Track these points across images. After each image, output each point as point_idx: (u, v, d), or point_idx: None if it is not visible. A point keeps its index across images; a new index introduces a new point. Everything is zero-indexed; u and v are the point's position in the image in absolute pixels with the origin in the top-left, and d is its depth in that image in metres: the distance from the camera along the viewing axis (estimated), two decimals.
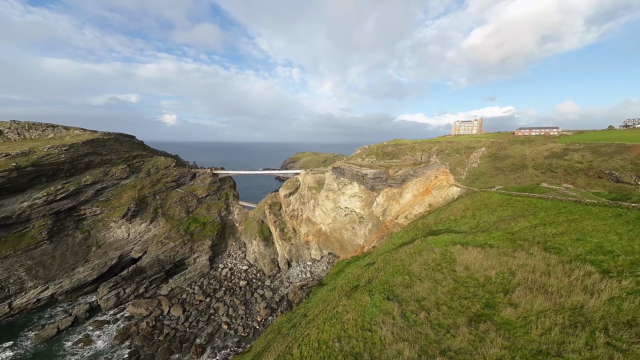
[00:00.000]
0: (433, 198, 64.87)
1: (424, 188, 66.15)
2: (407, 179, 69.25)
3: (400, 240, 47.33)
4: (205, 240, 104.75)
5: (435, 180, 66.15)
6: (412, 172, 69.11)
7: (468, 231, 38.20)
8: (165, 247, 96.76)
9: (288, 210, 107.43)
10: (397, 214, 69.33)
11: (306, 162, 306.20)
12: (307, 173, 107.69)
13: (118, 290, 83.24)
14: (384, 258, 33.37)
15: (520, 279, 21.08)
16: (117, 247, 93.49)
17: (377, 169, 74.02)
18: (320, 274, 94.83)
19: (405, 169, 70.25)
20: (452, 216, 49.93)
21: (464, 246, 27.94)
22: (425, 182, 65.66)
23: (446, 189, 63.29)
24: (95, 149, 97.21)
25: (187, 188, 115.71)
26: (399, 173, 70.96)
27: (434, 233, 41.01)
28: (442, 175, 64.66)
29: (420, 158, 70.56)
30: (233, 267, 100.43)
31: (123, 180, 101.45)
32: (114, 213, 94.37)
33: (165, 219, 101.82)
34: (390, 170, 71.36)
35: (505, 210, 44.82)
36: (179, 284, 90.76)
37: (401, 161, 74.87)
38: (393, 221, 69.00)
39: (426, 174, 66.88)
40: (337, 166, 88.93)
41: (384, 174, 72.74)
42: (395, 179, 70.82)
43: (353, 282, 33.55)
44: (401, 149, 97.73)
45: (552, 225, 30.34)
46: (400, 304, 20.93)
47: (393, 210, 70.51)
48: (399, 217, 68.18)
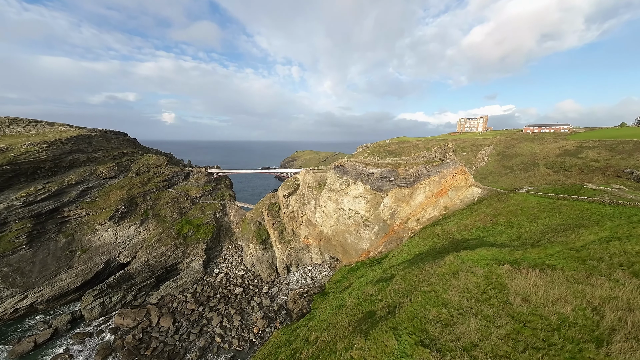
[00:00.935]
0: (449, 200, 58.75)
1: (439, 189, 60.01)
2: (419, 179, 63.08)
3: (417, 249, 41.23)
4: (199, 243, 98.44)
5: (451, 180, 59.94)
6: (425, 170, 62.91)
7: (509, 244, 32.12)
8: (155, 252, 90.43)
9: (287, 211, 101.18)
10: (407, 217, 63.28)
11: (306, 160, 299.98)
12: (307, 172, 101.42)
13: (103, 298, 77.05)
14: (405, 276, 27.33)
15: (613, 320, 15.12)
16: (104, 251, 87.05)
17: (384, 168, 67.81)
18: (321, 279, 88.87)
19: (417, 167, 64.07)
20: (480, 222, 43.69)
21: (514, 266, 21.85)
22: (440, 182, 59.46)
23: (464, 190, 57.19)
24: (80, 146, 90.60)
25: (180, 188, 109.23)
26: (409, 172, 64.74)
27: (461, 244, 34.93)
28: (460, 174, 58.45)
29: (434, 155, 64.25)
30: (229, 273, 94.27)
31: (111, 179, 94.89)
32: (100, 215, 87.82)
33: (156, 221, 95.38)
34: (399, 169, 65.18)
35: (551, 217, 38.63)
36: (170, 291, 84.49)
37: (412, 159, 68.67)
38: (403, 225, 62.98)
39: (441, 173, 60.68)
40: (340, 165, 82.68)
41: (392, 173, 66.52)
42: (405, 179, 64.62)
43: (366, 304, 27.52)
44: (404, 147, 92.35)
45: (632, 239, 23.74)
46: (442, 355, 14.91)
47: (403, 213, 64.43)
48: (409, 221, 62.16)
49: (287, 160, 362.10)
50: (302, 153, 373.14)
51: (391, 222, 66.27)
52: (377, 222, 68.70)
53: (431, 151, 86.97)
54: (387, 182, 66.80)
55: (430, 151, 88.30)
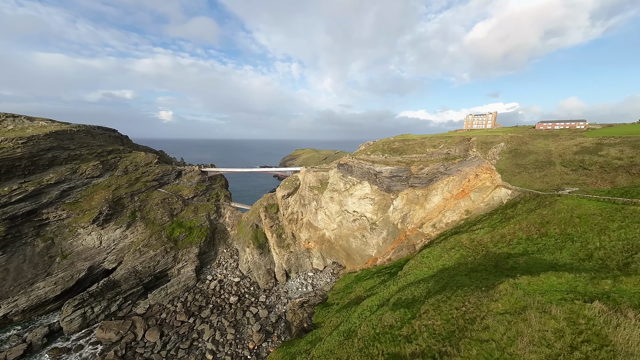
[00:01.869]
0: (471, 203, 52.24)
1: (459, 190, 53.48)
2: (435, 178, 56.58)
3: (440, 262, 34.68)
4: (192, 247, 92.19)
5: (474, 179, 53.35)
6: (443, 169, 56.36)
7: (580, 266, 25.53)
8: (144, 257, 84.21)
9: (286, 213, 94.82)
10: (421, 222, 56.98)
11: (306, 159, 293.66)
12: (308, 171, 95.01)
13: (85, 309, 71.05)
14: (438, 307, 21.02)
15: None
16: (87, 257, 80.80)
17: (394, 166, 61.36)
18: (323, 287, 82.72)
19: (433, 165, 57.50)
20: (522, 232, 36.82)
21: (610, 305, 15.59)
22: (460, 181, 52.99)
23: (490, 191, 50.62)
24: (60, 142, 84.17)
25: (171, 188, 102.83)
26: (425, 171, 58.17)
27: (503, 261, 28.48)
28: (485, 172, 51.89)
29: (454, 151, 57.57)
30: (223, 279, 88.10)
31: (95, 179, 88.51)
32: (83, 217, 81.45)
33: (145, 223, 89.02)
34: (413, 167, 58.65)
35: (628, 228, 31.63)
36: (158, 300, 78.34)
37: (427, 155, 62.11)
38: (416, 230, 56.68)
39: (462, 172, 54.08)
40: (344, 162, 76.26)
41: (404, 172, 59.99)
42: (419, 178, 58.08)
43: (386, 340, 21.37)
44: (409, 144, 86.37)
45: None
46: None
47: (416, 216, 58.11)
48: (424, 226, 55.86)
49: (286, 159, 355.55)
50: (302, 151, 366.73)
51: (402, 227, 59.92)
52: (385, 226, 62.42)
53: (438, 148, 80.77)
54: (398, 182, 60.30)
55: (437, 149, 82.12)
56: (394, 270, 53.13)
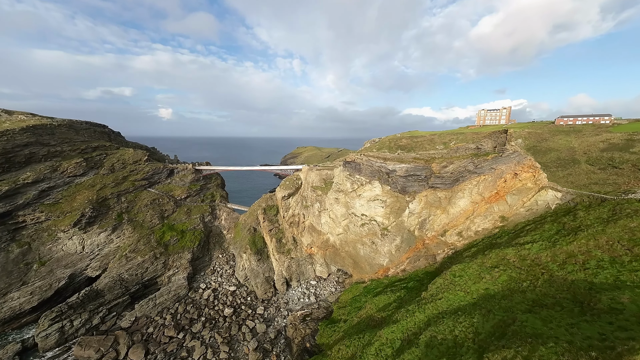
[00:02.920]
0: (508, 207, 45.05)
1: (492, 192, 46.32)
2: (462, 178, 49.51)
3: (480, 286, 26.95)
4: (184, 253, 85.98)
5: (512, 179, 46.10)
6: (473, 167, 49.18)
7: None
8: (130, 263, 78.11)
9: (287, 215, 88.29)
10: (443, 229, 50.06)
11: (308, 157, 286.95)
12: (310, 169, 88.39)
13: (63, 322, 65.26)
14: None
15: None
16: (68, 263, 74.76)
17: (411, 164, 54.37)
18: (327, 297, 76.31)
19: (459, 162, 50.30)
20: (600, 251, 28.23)
21: None
22: (494, 182, 45.88)
23: (533, 194, 43.42)
24: (39, 138, 78.06)
25: (163, 188, 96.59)
26: (449, 169, 51.03)
27: (584, 294, 21.23)
28: (527, 171, 44.70)
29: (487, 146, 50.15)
30: (217, 288, 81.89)
31: (78, 177, 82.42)
32: (63, 220, 75.39)
33: (133, 226, 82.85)
34: (433, 165, 51.59)
35: None
36: (146, 311, 72.26)
37: (451, 151, 54.95)
38: (437, 238, 49.83)
39: (497, 170, 46.82)
40: (351, 160, 69.48)
41: (422, 170, 52.95)
42: (442, 178, 50.99)
43: None
44: (418, 141, 79.78)
45: None
46: None
47: (437, 222, 51.18)
48: (447, 234, 48.97)
49: (287, 157, 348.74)
50: (304, 149, 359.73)
51: (420, 234, 53.05)
52: (399, 233, 55.67)
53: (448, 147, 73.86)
54: (415, 182, 53.33)
55: (447, 146, 75.23)
56: (411, 284, 46.38)
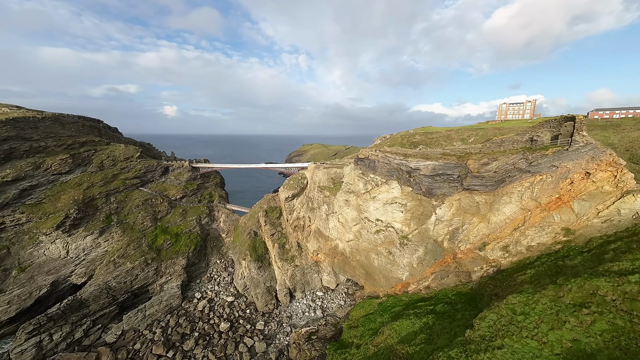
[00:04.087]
0: (574, 217, 36.03)
1: (552, 196, 37.48)
2: (509, 178, 40.90)
3: (564, 334, 17.83)
4: (178, 258, 79.97)
5: (582, 181, 36.99)
6: (525, 164, 40.30)
7: None
8: (119, 270, 72.43)
9: (291, 218, 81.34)
10: (482, 241, 41.92)
11: (314, 155, 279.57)
12: (317, 167, 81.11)
13: (41, 336, 59.89)
14: None
15: None
16: (50, 270, 69.48)
17: (439, 160, 46.20)
18: (335, 312, 69.35)
19: (506, 158, 41.46)
20: None
21: None
22: (556, 183, 37.05)
23: (613, 200, 34.21)
24: (20, 131, 72.87)
25: (156, 187, 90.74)
26: (491, 166, 42.47)
27: None
28: (604, 170, 35.16)
29: (543, 137, 40.55)
30: (214, 298, 75.60)
31: (63, 175, 77.06)
32: (46, 222, 69.85)
33: (122, 229, 77.16)
34: (470, 162, 43.23)
35: None
36: (134, 324, 66.47)
37: (493, 144, 46.44)
38: (473, 252, 41.84)
39: (560, 169, 37.73)
40: (365, 157, 61.82)
41: (455, 169, 44.67)
42: (482, 178, 42.50)
43: None
44: (433, 138, 71.67)
45: None
46: None
47: (474, 232, 43.03)
48: (487, 247, 40.79)
49: (292, 155, 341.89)
50: (310, 147, 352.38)
51: (450, 246, 45.03)
52: (422, 242, 47.88)
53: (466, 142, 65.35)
54: (445, 183, 45.17)
55: (465, 142, 66.70)
56: (439, 307, 38.73)
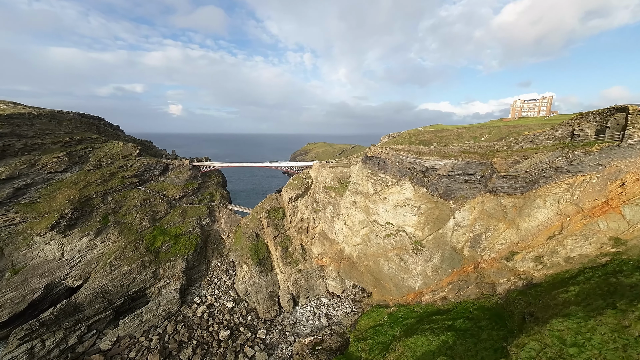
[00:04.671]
0: (626, 225, 31.13)
1: (597, 200, 32.65)
2: (543, 179, 36.18)
3: None
4: (177, 261, 77.24)
5: (637, 182, 32.49)
6: (564, 162, 35.34)
7: None
8: (115, 273, 69.99)
9: (294, 220, 77.89)
10: (509, 249, 37.56)
11: (319, 154, 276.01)
12: (322, 166, 77.46)
13: (33, 342, 57.77)
14: None
15: None
16: (44, 272, 67.34)
17: (458, 159, 41.76)
18: (341, 320, 65.70)
19: (540, 156, 36.61)
20: None
21: None
22: (602, 186, 32.26)
23: None
24: (15, 128, 70.83)
25: (155, 186, 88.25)
26: (522, 165, 37.76)
27: None
28: None
29: (587, 132, 35.33)
30: (214, 303, 72.66)
31: (59, 174, 74.95)
32: (40, 222, 67.59)
33: (119, 230, 74.72)
34: (496, 160, 38.62)
35: None
36: (130, 330, 63.91)
37: (523, 140, 41.55)
38: (499, 262, 37.55)
39: (609, 169, 32.69)
40: (374, 155, 57.86)
41: (477, 168, 40.26)
42: (510, 178, 37.88)
43: None
44: (443, 136, 67.38)
45: None
46: None
47: (500, 240, 38.66)
48: (516, 257, 36.38)
49: (297, 154, 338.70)
50: (315, 145, 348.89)
51: (471, 254, 40.87)
52: (438, 249, 43.83)
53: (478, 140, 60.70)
54: (465, 184, 40.86)
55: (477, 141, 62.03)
56: (459, 323, 34.75)
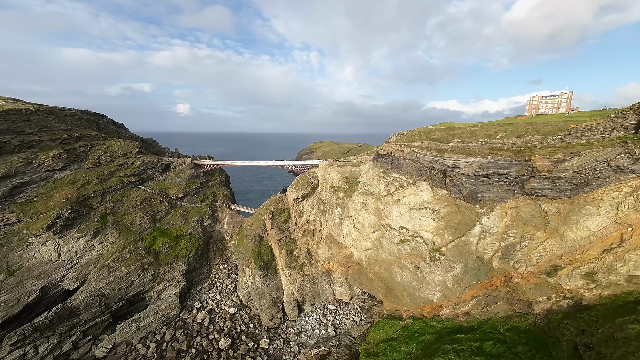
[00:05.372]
0: None
1: None
2: (596, 181, 30.26)
3: None
4: (177, 263, 74.41)
5: None
6: (627, 160, 26.82)
7: None
8: (113, 275, 67.49)
9: (300, 222, 74.14)
10: (551, 263, 32.46)
11: (325, 152, 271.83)
12: (330, 165, 73.42)
13: (26, 348, 55.42)
14: None
15: None
16: (40, 274, 65.22)
17: (488, 156, 36.40)
18: (349, 330, 61.86)
19: (594, 152, 29.71)
20: None
21: None
22: None
23: None
24: (12, 124, 68.97)
25: (156, 185, 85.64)
26: (570, 164, 31.95)
27: None
28: None
29: None
30: (215, 309, 69.59)
31: (57, 172, 72.87)
32: (36, 222, 65.38)
33: (118, 231, 72.21)
34: (536, 158, 33.07)
35: None
36: (127, 336, 61.29)
37: (571, 134, 35.10)
38: (537, 277, 32.59)
39: None
40: (387, 152, 53.50)
41: (511, 167, 34.86)
42: (554, 179, 32.52)
43: None
44: (455, 134, 62.02)
45: None
46: None
47: (539, 251, 33.54)
48: (561, 273, 31.01)
49: (303, 153, 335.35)
50: (321, 144, 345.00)
51: (501, 265, 36.02)
52: (460, 258, 39.28)
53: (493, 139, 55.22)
54: (496, 185, 35.79)
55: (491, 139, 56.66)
56: (488, 346, 30.28)
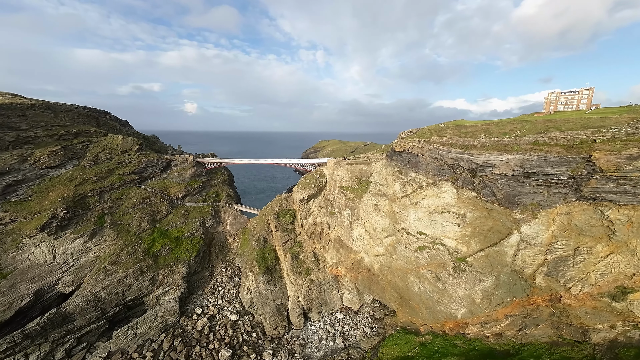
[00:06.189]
0: None
1: None
2: None
3: None
4: (177, 266, 71.01)
5: None
6: None
7: None
8: (109, 279, 64.41)
9: (306, 224, 69.79)
10: (616, 283, 26.19)
11: (331, 151, 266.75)
12: (338, 163, 68.82)
13: (16, 356, 52.38)
14: None
15: None
16: (34, 276, 62.52)
17: (531, 153, 30.48)
18: (359, 341, 57.51)
19: None
20: None
21: None
22: None
23: None
24: (6, 119, 66.32)
25: (156, 184, 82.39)
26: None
27: None
28: None
29: None
30: (216, 315, 65.81)
31: (53, 170, 70.16)
32: (30, 222, 62.56)
33: (116, 231, 69.15)
34: (599, 154, 26.19)
35: None
36: (123, 343, 58.09)
37: (627, 124, 30.96)
38: (596, 300, 26.77)
39: None
40: (404, 149, 48.64)
41: (563, 165, 29.18)
42: (624, 181, 26.80)
43: None
44: (468, 132, 56.77)
45: None
46: None
47: (600, 269, 27.02)
48: (631, 297, 24.57)
49: (309, 152, 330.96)
50: (327, 143, 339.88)
51: (547, 283, 30.76)
52: (491, 270, 34.19)
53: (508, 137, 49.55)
54: (541, 187, 30.25)
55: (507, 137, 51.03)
56: None
